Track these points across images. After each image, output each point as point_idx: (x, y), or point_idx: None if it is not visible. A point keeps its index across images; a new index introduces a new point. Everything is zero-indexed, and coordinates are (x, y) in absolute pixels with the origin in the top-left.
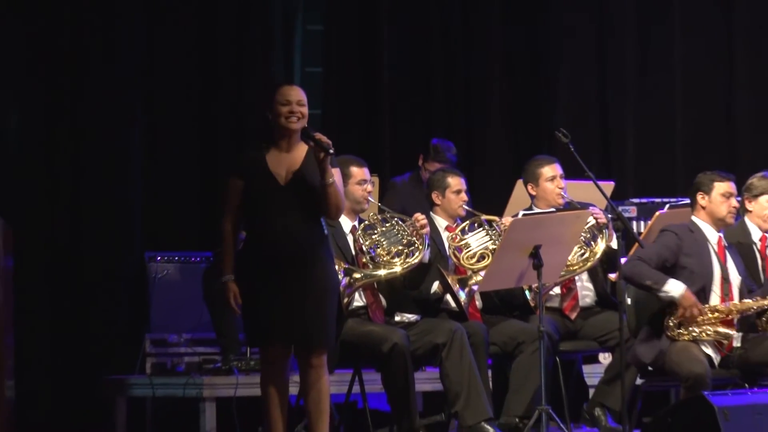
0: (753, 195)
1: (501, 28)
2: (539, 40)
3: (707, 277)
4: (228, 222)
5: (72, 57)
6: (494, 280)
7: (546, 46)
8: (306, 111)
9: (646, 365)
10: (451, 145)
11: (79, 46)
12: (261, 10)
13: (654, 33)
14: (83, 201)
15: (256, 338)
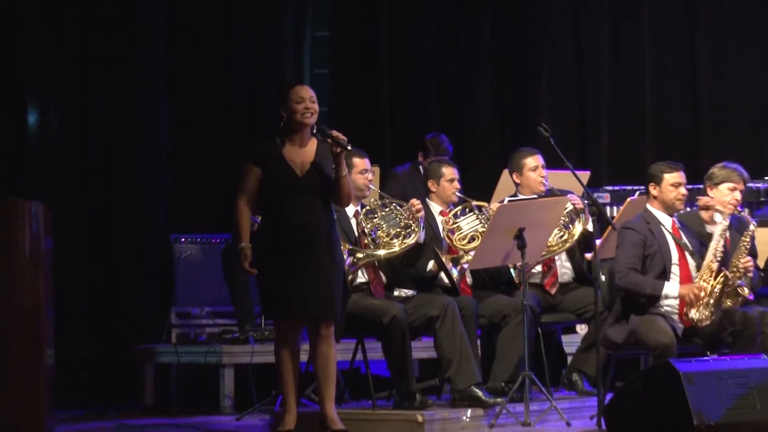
0: (714, 183)
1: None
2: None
3: (667, 259)
4: (242, 200)
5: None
6: (483, 259)
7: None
8: (317, 107)
9: (619, 345)
10: (444, 136)
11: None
12: (275, 19)
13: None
14: (115, 189)
15: (274, 311)
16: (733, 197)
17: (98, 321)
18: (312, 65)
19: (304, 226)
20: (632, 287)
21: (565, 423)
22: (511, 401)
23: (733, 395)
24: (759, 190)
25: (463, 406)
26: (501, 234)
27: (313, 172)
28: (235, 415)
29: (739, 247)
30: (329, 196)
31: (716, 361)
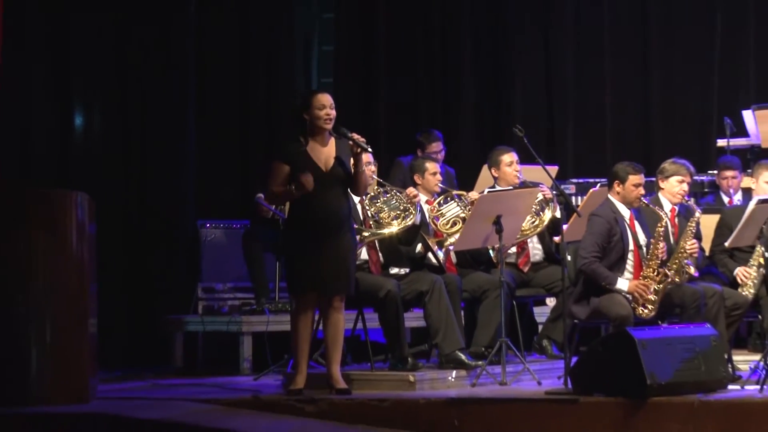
0: (665, 176)
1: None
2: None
3: (625, 246)
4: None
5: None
6: (465, 242)
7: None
8: (335, 112)
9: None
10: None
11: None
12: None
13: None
14: (150, 182)
15: (301, 286)
16: (681, 188)
17: (135, 295)
18: (319, 75)
19: (329, 213)
20: (591, 274)
21: (537, 382)
22: (490, 364)
23: (681, 359)
24: (703, 182)
25: (449, 368)
26: (481, 220)
27: (335, 167)
28: (253, 376)
29: (686, 232)
30: (348, 186)
31: (667, 329)
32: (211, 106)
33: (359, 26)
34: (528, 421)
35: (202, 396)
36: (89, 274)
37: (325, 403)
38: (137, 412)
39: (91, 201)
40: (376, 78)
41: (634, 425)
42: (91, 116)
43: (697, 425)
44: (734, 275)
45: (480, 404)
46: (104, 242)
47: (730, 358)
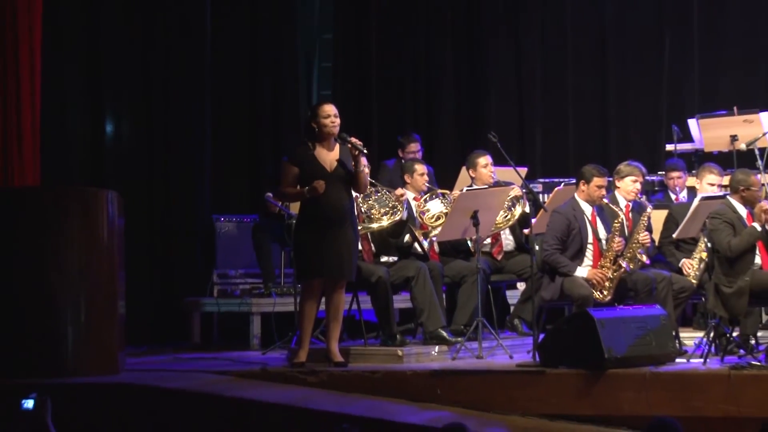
0: (621, 176)
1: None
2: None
3: (585, 239)
4: (286, 189)
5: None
6: (447, 234)
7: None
8: (339, 120)
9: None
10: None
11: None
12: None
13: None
14: (171, 181)
15: (309, 272)
16: (635, 187)
17: (158, 280)
18: (319, 88)
19: (334, 209)
20: (553, 263)
21: (509, 356)
22: (468, 340)
23: (635, 336)
24: (654, 181)
25: (432, 344)
26: (461, 215)
27: (338, 168)
28: (261, 351)
29: (639, 225)
30: (350, 185)
31: (622, 310)
32: (225, 116)
33: (355, 45)
34: (501, 390)
35: (217, 368)
36: (118, 261)
37: (325, 374)
38: (161, 382)
39: (120, 198)
40: (369, 90)
41: (594, 393)
42: (120, 124)
43: (649, 393)
44: (680, 265)
45: (459, 375)
46: (132, 234)
47: (677, 335)
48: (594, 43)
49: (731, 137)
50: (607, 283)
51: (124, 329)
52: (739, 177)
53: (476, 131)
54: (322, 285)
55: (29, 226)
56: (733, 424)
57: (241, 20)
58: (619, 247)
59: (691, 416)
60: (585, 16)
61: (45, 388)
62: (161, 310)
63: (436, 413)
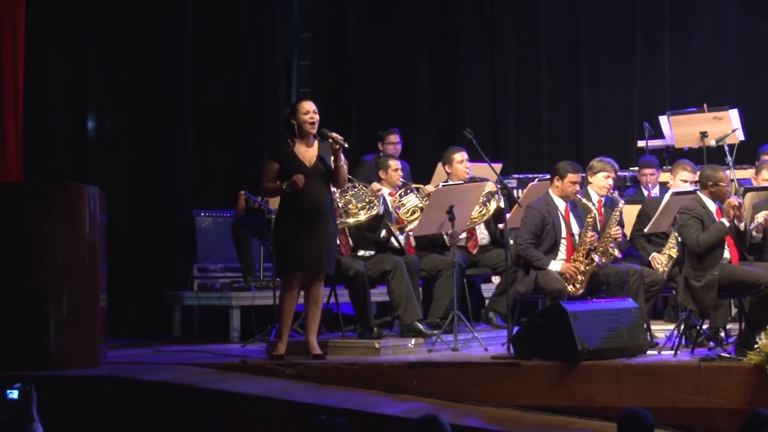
0: (593, 172)
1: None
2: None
3: (558, 233)
4: (267, 185)
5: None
6: (423, 228)
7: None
8: (318, 117)
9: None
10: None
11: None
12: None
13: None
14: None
15: (290, 266)
16: (607, 183)
17: (139, 274)
18: (298, 86)
19: (314, 203)
20: (527, 257)
21: (484, 348)
22: (444, 333)
23: (607, 328)
24: (626, 177)
25: (409, 336)
26: (437, 210)
27: (317, 164)
28: (241, 344)
29: (611, 220)
30: (330, 181)
31: (595, 303)
32: (206, 112)
33: (332, 44)
34: (476, 382)
35: (198, 361)
36: (100, 255)
37: (303, 366)
38: (142, 374)
39: (102, 194)
40: (346, 88)
41: (567, 385)
42: (102, 120)
43: (621, 385)
44: (649, 259)
45: (435, 367)
46: (113, 229)
47: (648, 328)
48: (567, 42)
49: (701, 134)
50: (580, 276)
51: (105, 322)
52: (708, 173)
53: (452, 128)
54: (301, 279)
55: (11, 221)
56: (703, 415)
57: (222, 19)
58: (592, 242)
59: (662, 407)
60: (558, 15)
61: (27, 381)
62: (142, 304)
63: (413, 404)
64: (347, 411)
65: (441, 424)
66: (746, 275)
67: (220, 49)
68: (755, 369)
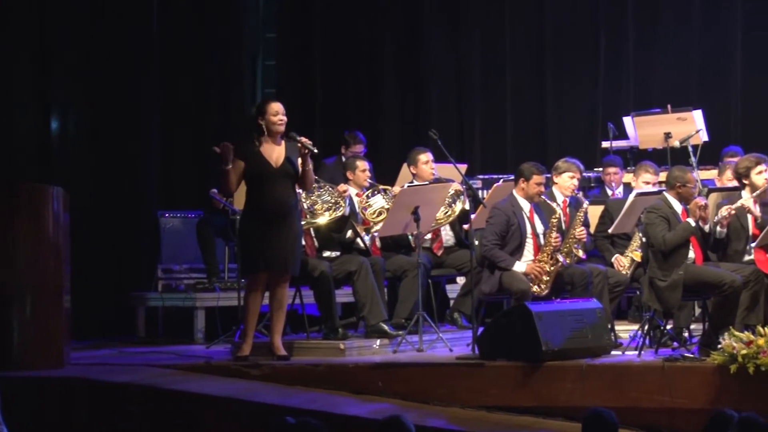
0: (558, 172)
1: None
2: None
3: (523, 234)
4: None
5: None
6: (388, 229)
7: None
8: (286, 117)
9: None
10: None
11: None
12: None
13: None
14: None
15: (255, 266)
16: (572, 183)
17: (103, 274)
18: (263, 86)
19: (278, 203)
20: (492, 258)
21: (449, 349)
22: (409, 333)
23: (571, 328)
24: (590, 177)
25: (374, 337)
26: (402, 211)
27: (284, 164)
28: (205, 345)
29: (576, 220)
30: (296, 182)
31: (559, 303)
32: (171, 113)
33: (298, 44)
34: (441, 382)
35: (162, 362)
36: (64, 256)
37: (268, 367)
38: (105, 375)
39: (66, 194)
40: (311, 88)
41: (531, 385)
42: (66, 120)
43: (585, 385)
44: (612, 260)
45: (400, 368)
46: (78, 229)
47: (612, 328)
48: (532, 43)
49: (665, 134)
50: (545, 277)
51: (69, 323)
52: (675, 174)
53: (417, 128)
54: (266, 279)
55: None
56: (667, 415)
57: (187, 19)
58: (557, 243)
59: (626, 407)
60: (523, 16)
61: None
62: (106, 305)
63: (378, 405)
64: (312, 412)
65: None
66: (710, 276)
67: (186, 48)
68: (719, 369)
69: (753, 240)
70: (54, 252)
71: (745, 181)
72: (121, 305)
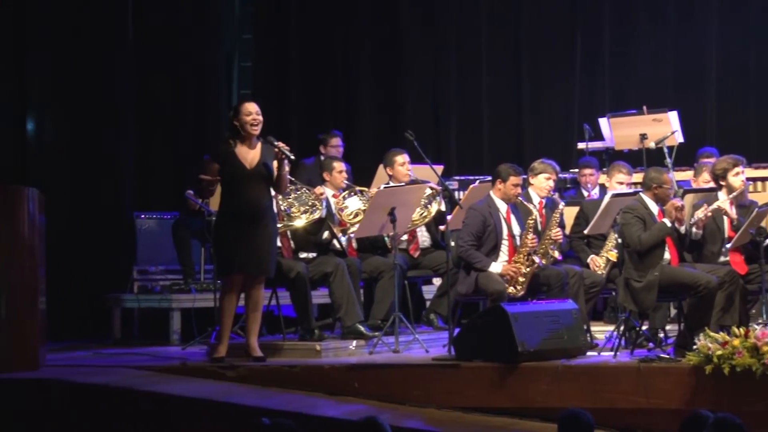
0: (535, 174)
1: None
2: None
3: (499, 235)
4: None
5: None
6: (365, 230)
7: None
8: (261, 118)
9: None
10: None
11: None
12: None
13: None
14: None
15: (230, 267)
16: (548, 184)
17: (79, 276)
18: (239, 87)
19: (252, 205)
20: (468, 259)
21: (425, 350)
22: (385, 335)
23: (547, 329)
24: (566, 179)
25: (350, 338)
26: (378, 212)
27: (258, 166)
28: (181, 346)
29: (552, 222)
30: (270, 184)
31: (535, 304)
32: (147, 114)
33: (274, 45)
34: (417, 383)
35: (137, 363)
36: (39, 258)
37: (244, 369)
38: (81, 377)
39: (42, 195)
40: (288, 89)
41: (507, 386)
42: (42, 121)
43: (561, 386)
44: (587, 261)
45: (376, 369)
46: (53, 231)
47: (588, 329)
48: (508, 44)
49: (641, 136)
50: (521, 278)
51: (45, 325)
52: (652, 175)
53: (393, 130)
54: (241, 281)
55: None
56: (643, 416)
57: (163, 20)
58: (533, 244)
59: (601, 408)
60: (499, 18)
61: None
62: (82, 306)
63: (354, 406)
64: (288, 413)
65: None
66: (685, 277)
67: (162, 49)
68: (694, 370)
69: (728, 242)
70: (29, 254)
71: (722, 182)
72: (96, 307)
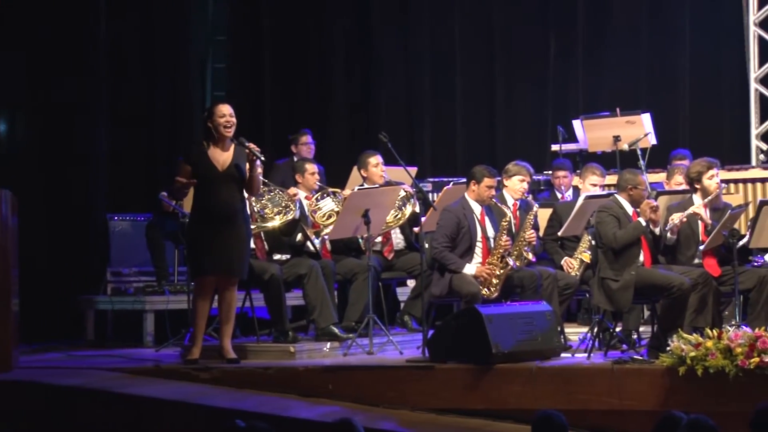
0: (509, 175)
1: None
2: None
3: (473, 237)
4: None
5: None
6: (338, 232)
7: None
8: (235, 120)
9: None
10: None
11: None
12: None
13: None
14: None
15: (202, 269)
16: (522, 186)
17: (52, 278)
18: (213, 89)
19: (226, 207)
20: (442, 260)
21: (399, 352)
22: (359, 336)
23: (522, 331)
24: (540, 180)
25: (324, 340)
26: (352, 213)
27: (230, 168)
28: (155, 348)
29: (526, 223)
30: (242, 185)
31: (509, 306)
32: (120, 116)
33: (247, 47)
34: (391, 385)
35: (111, 365)
36: (12, 259)
37: (218, 371)
38: (54, 379)
39: (14, 197)
40: (261, 91)
41: (481, 388)
42: (14, 122)
43: (535, 387)
44: (561, 263)
45: (351, 371)
46: (26, 232)
47: (562, 331)
48: (481, 45)
49: (614, 138)
50: (495, 280)
51: (17, 327)
52: (627, 176)
53: (367, 131)
54: (214, 282)
55: None
56: (616, 417)
57: (136, 22)
58: (507, 246)
59: (575, 409)
60: (473, 19)
61: None
62: (55, 308)
63: (328, 408)
64: (262, 415)
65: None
66: (659, 278)
67: (135, 51)
68: (667, 371)
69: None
70: (2, 255)
71: (697, 185)
72: (70, 308)
